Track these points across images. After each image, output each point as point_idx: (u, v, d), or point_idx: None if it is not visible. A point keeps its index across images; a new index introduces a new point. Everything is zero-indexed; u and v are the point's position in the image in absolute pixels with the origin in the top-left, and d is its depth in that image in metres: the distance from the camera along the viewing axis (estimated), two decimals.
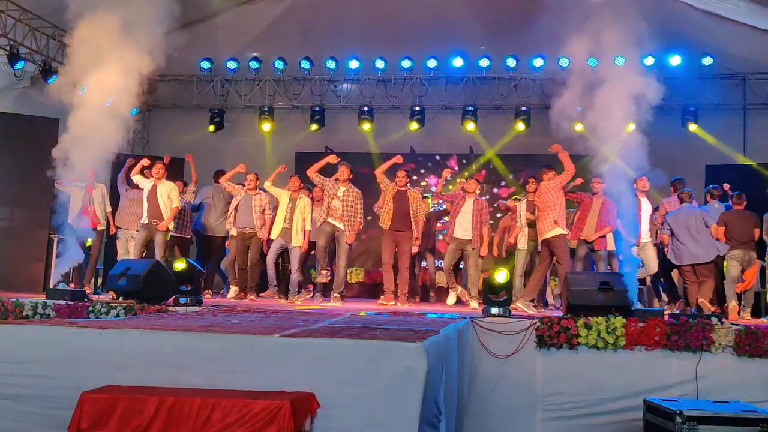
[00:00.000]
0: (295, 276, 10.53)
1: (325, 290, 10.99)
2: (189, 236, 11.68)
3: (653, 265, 10.14)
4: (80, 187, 10.76)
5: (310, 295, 11.10)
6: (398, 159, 10.49)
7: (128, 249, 11.18)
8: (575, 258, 10.15)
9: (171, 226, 10.88)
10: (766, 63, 13.91)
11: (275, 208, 10.82)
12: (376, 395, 4.43)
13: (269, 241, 10.76)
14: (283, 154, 15.08)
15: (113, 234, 11.40)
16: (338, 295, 10.20)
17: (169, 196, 10.82)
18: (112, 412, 4.25)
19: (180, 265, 8.96)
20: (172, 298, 8.62)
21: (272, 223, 10.77)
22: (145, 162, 10.94)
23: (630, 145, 8.38)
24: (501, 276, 8.10)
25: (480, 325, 7.60)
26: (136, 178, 10.88)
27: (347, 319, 7.04)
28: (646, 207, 10.12)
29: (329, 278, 10.54)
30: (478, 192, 10.58)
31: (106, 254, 12.36)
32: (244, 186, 11.00)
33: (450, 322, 6.74)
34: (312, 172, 10.35)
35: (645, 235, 10.03)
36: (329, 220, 10.20)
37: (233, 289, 10.97)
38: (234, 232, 10.96)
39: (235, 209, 10.87)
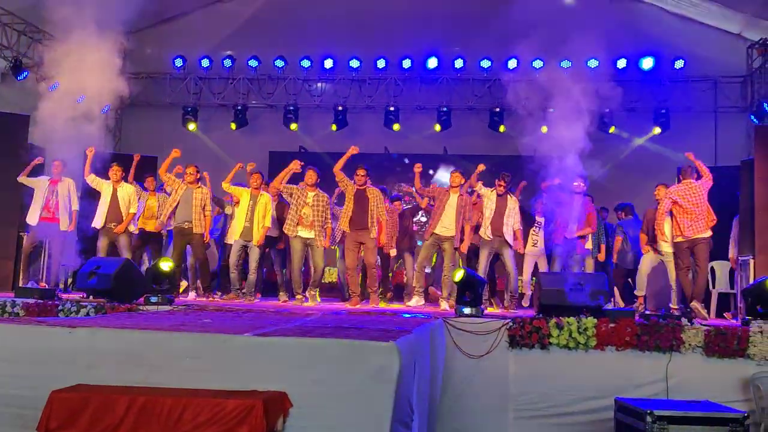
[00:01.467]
0: (252, 276, 10.24)
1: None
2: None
3: (673, 268, 9.89)
4: (45, 180, 10.51)
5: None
6: (354, 150, 10.06)
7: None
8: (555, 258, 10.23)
9: (132, 227, 10.71)
10: (736, 66, 14.10)
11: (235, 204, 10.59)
12: (348, 394, 4.42)
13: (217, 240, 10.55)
14: (256, 153, 14.99)
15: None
16: (315, 293, 10.09)
17: (129, 200, 10.64)
18: (82, 412, 4.21)
19: (165, 264, 8.85)
20: (143, 297, 8.55)
21: (210, 221, 10.47)
22: (88, 152, 10.46)
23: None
24: (458, 276, 8.16)
25: (453, 324, 7.61)
26: (91, 178, 10.51)
27: (320, 318, 7.03)
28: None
29: (305, 302, 10.28)
30: (462, 183, 10.33)
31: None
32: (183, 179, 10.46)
33: (423, 322, 6.75)
34: (278, 184, 10.06)
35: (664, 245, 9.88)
36: (299, 233, 9.90)
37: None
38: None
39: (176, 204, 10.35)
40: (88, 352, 4.77)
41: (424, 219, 13.34)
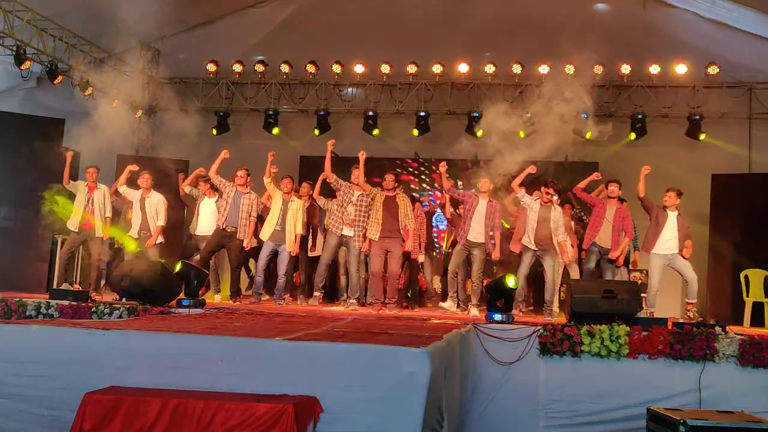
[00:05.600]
0: (282, 280, 10.32)
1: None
2: None
3: (691, 274, 9.72)
4: (83, 185, 10.58)
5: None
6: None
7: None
8: (586, 265, 10.08)
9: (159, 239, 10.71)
10: None
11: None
12: (379, 400, 4.42)
13: (253, 247, 10.59)
14: (287, 157, 15.08)
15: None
16: (354, 301, 10.04)
17: (156, 210, 10.65)
18: (115, 414, 4.24)
19: (179, 267, 8.92)
20: (174, 300, 8.62)
21: (253, 228, 10.51)
22: (133, 167, 10.68)
23: None
24: (511, 282, 8.10)
25: (483, 331, 7.59)
26: (123, 189, 10.61)
27: (350, 323, 7.03)
28: (672, 220, 9.75)
29: (321, 300, 10.34)
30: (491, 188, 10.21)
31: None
32: (233, 182, 10.56)
33: (453, 328, 6.73)
34: (329, 173, 10.12)
35: (674, 247, 9.75)
36: (333, 231, 10.01)
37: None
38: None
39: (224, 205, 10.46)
40: (121, 355, 4.82)
41: (442, 227, 13.37)
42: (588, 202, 10.19)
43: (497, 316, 7.89)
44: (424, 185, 15.14)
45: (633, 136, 13.94)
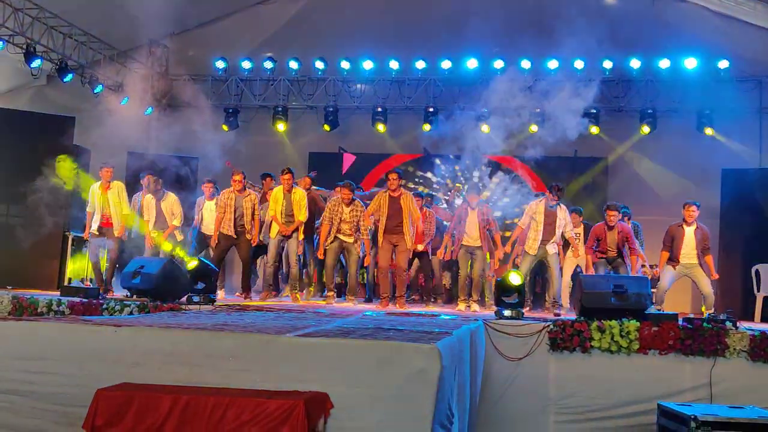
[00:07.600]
0: (294, 269, 10.41)
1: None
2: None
3: (707, 289, 9.60)
4: (96, 189, 10.59)
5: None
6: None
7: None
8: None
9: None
10: None
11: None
12: (389, 396, 4.42)
13: (259, 243, 10.68)
14: (296, 154, 15.14)
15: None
16: (352, 299, 10.23)
17: (172, 210, 10.91)
18: (127, 410, 4.26)
19: (193, 263, 8.97)
20: (185, 297, 8.65)
21: (260, 224, 10.63)
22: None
23: None
24: (515, 278, 8.10)
25: (493, 327, 7.57)
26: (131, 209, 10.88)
27: (360, 319, 7.04)
28: (689, 233, 9.68)
29: (335, 299, 10.44)
30: (484, 197, 10.40)
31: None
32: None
33: (463, 324, 6.73)
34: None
35: (691, 256, 9.68)
36: (337, 235, 10.11)
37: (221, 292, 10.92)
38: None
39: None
40: (132, 351, 4.83)
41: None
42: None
43: (507, 312, 7.88)
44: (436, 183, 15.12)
45: (646, 129, 13.84)
